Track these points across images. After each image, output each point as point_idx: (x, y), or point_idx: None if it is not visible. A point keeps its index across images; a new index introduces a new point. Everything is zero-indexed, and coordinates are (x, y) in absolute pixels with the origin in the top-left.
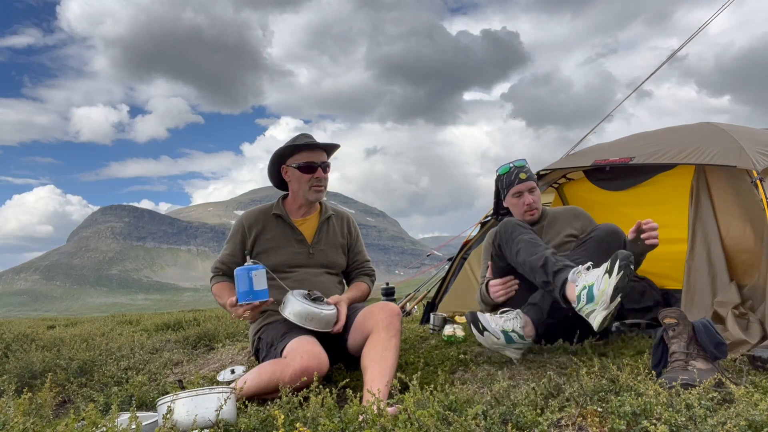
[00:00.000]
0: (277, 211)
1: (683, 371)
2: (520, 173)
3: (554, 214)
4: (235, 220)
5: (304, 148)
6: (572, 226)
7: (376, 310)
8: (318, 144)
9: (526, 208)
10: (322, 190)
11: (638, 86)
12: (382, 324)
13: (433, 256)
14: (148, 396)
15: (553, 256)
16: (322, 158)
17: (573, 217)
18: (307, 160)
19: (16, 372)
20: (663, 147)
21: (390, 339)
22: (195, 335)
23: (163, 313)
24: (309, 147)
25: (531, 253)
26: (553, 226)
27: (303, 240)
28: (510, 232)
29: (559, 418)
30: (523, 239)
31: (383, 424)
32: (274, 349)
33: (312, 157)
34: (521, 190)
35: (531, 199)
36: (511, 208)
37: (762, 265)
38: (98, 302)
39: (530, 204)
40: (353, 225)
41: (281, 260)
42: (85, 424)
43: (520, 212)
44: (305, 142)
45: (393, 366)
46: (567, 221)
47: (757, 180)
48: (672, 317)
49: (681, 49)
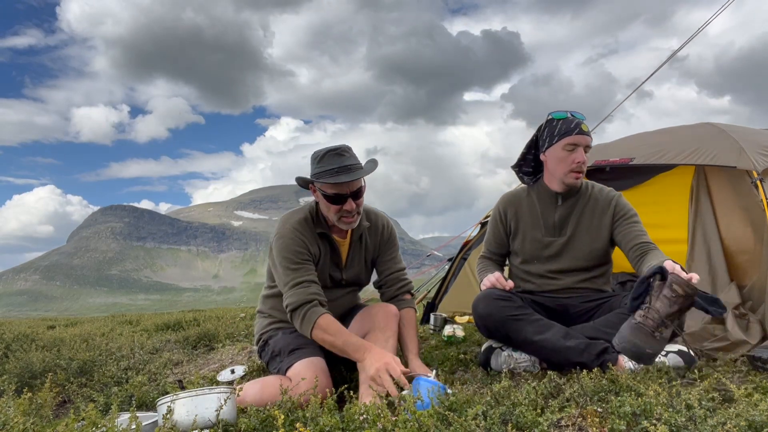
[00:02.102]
0: (321, 229)
1: (650, 337)
2: (581, 124)
3: (593, 195)
4: (282, 235)
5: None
6: (599, 234)
7: (374, 312)
8: (349, 180)
9: (575, 167)
10: (354, 220)
11: (638, 86)
12: (379, 326)
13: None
14: (148, 396)
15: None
16: (353, 187)
17: (603, 210)
18: (335, 191)
19: (16, 372)
20: (663, 147)
21: (387, 340)
22: (195, 335)
23: (163, 313)
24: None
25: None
26: (583, 219)
27: (339, 263)
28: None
29: (559, 418)
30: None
31: (383, 425)
32: (280, 361)
33: (340, 188)
34: (578, 143)
35: (584, 157)
36: (553, 162)
37: (762, 265)
38: (98, 302)
39: (581, 163)
40: (387, 231)
41: (320, 281)
42: (85, 424)
43: (564, 170)
44: (334, 180)
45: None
46: (599, 217)
47: (757, 180)
48: (683, 288)
49: (681, 49)
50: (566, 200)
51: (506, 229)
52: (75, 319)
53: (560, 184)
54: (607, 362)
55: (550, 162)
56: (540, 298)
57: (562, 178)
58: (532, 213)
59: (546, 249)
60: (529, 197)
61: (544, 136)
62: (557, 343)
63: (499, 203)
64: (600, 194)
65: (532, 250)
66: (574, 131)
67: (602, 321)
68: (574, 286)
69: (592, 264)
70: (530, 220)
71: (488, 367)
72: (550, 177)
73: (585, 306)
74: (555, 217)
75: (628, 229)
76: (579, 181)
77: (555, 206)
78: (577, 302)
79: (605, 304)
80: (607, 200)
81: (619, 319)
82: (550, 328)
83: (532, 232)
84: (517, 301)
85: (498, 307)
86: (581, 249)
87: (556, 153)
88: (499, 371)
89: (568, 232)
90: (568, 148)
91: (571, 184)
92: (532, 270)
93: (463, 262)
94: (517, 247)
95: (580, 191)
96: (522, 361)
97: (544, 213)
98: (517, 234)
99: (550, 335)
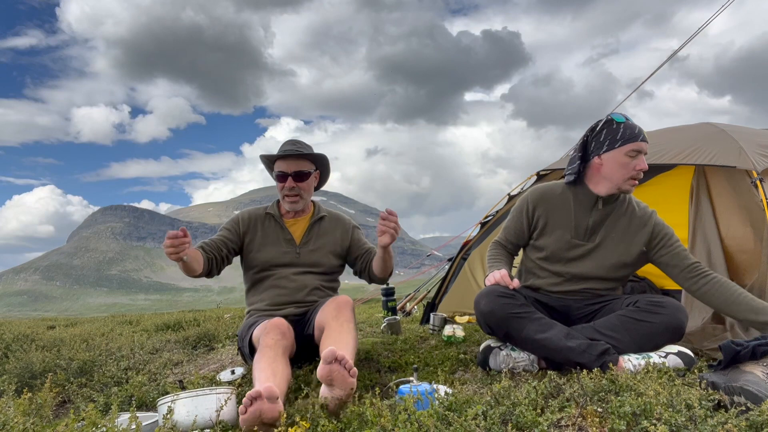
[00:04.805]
0: (271, 211)
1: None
2: (644, 131)
3: (631, 208)
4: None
5: (279, 157)
6: (630, 249)
7: (325, 305)
8: (286, 155)
9: (635, 174)
10: (297, 201)
11: (638, 86)
12: (331, 315)
13: (433, 257)
14: (148, 396)
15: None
16: (295, 167)
17: (639, 226)
18: (279, 168)
19: (16, 372)
20: (663, 147)
21: (341, 325)
22: (195, 335)
23: (163, 313)
24: (282, 157)
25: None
26: (616, 229)
27: (291, 240)
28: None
29: (559, 418)
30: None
31: (383, 425)
32: (242, 338)
33: (283, 167)
34: (642, 150)
35: (646, 165)
36: (613, 166)
37: (762, 265)
38: (98, 302)
39: (642, 170)
40: (349, 223)
41: (268, 258)
42: (85, 424)
43: (623, 176)
44: (279, 153)
45: (350, 344)
46: (634, 231)
47: (757, 180)
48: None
49: (681, 49)
50: (605, 206)
51: (531, 223)
52: (75, 319)
53: (614, 189)
54: (608, 363)
55: (608, 166)
56: (545, 296)
57: (620, 184)
58: (565, 212)
59: (571, 251)
60: (563, 195)
61: (602, 138)
62: (558, 343)
63: (529, 196)
64: (638, 208)
65: (556, 250)
66: (639, 137)
67: (603, 323)
68: (586, 291)
69: (613, 275)
70: (562, 220)
71: (487, 367)
72: (600, 180)
73: (587, 308)
74: (589, 221)
75: (675, 251)
76: (634, 188)
77: (591, 210)
78: (580, 303)
79: (606, 306)
80: (644, 217)
81: (620, 321)
82: (552, 327)
83: (561, 232)
84: (520, 298)
85: (500, 305)
86: (607, 258)
87: (618, 158)
88: (497, 371)
89: (598, 238)
90: (631, 154)
91: (627, 190)
92: (550, 268)
93: (463, 262)
94: (541, 243)
95: (619, 199)
96: (520, 360)
97: (578, 215)
98: (545, 231)
99: (551, 334)
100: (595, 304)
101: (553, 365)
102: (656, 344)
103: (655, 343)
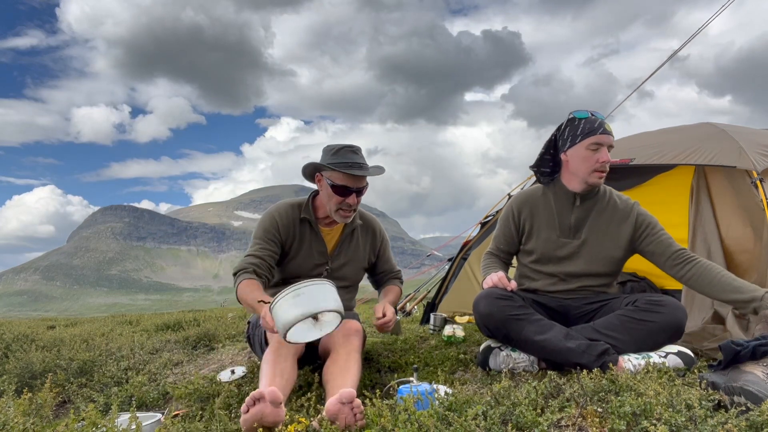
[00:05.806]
0: (306, 215)
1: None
2: (605, 124)
3: (611, 201)
4: (262, 216)
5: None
6: (617, 242)
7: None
8: (362, 174)
9: (599, 167)
10: (350, 216)
11: (638, 86)
12: (339, 342)
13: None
14: (148, 396)
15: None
16: (360, 183)
17: (622, 219)
18: (344, 183)
19: (16, 372)
20: (663, 147)
21: (349, 354)
22: (195, 335)
23: (163, 313)
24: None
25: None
26: (600, 223)
27: (324, 252)
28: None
29: (559, 419)
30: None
31: (383, 425)
32: (254, 328)
33: (349, 182)
34: (602, 143)
35: (608, 157)
36: (576, 161)
37: (762, 265)
38: (98, 302)
39: (605, 162)
40: (380, 236)
41: (298, 270)
42: (85, 424)
43: (587, 169)
44: (348, 171)
45: (355, 378)
46: (618, 224)
47: (757, 180)
48: None
49: (681, 49)
50: (584, 202)
51: (518, 229)
52: (75, 319)
53: (582, 184)
54: (608, 363)
55: (573, 161)
56: (542, 297)
57: (586, 177)
58: (548, 213)
59: (560, 249)
60: (545, 197)
61: (566, 135)
62: (558, 344)
63: (513, 202)
64: (619, 201)
65: (545, 250)
66: (598, 130)
67: (602, 322)
68: (582, 289)
69: (605, 270)
70: (546, 220)
71: (487, 367)
72: (570, 177)
73: (586, 308)
74: (571, 218)
75: (659, 239)
76: (602, 180)
77: (572, 207)
78: (579, 303)
79: (606, 306)
80: (626, 209)
81: (619, 321)
82: (551, 328)
83: (547, 232)
84: (518, 300)
85: (499, 307)
86: (597, 253)
87: (580, 152)
88: (497, 371)
89: (583, 234)
90: (592, 148)
91: (594, 183)
92: (543, 270)
93: (463, 262)
94: (530, 247)
95: (599, 194)
96: (520, 361)
97: (561, 213)
98: (532, 234)
99: (551, 335)
100: (593, 303)
101: (553, 366)
102: (656, 344)
103: (655, 343)
